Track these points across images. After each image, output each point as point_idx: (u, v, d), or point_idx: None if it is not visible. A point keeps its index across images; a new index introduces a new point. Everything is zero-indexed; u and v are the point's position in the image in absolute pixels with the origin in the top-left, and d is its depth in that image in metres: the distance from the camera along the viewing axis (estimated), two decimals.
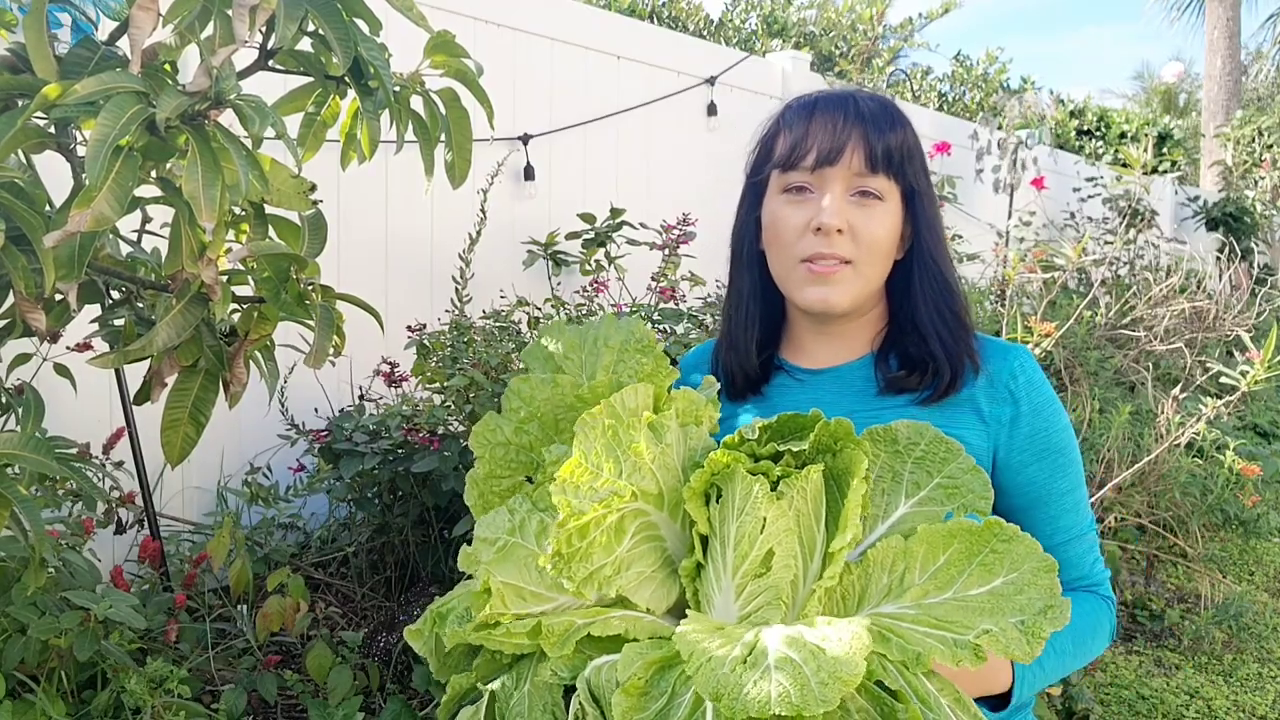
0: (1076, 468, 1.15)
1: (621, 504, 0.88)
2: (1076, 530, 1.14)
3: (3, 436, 1.13)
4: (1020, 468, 1.12)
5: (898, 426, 0.96)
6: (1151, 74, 22.76)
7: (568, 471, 0.86)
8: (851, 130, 1.08)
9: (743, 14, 8.74)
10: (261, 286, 1.26)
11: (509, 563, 0.90)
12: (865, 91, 1.15)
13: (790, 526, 0.87)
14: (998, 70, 9.54)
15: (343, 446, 2.37)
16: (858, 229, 1.09)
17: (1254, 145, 10.03)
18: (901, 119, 1.12)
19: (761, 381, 1.22)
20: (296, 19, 1.05)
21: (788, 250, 1.12)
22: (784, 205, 1.12)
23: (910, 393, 1.14)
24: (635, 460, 0.89)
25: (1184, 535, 3.31)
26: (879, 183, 1.09)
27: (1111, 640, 1.19)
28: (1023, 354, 1.15)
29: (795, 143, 1.11)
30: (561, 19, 3.54)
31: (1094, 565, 1.17)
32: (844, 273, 1.10)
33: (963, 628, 0.81)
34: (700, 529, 0.90)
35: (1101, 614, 1.15)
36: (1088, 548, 1.16)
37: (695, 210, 3.33)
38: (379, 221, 3.03)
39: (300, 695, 2.00)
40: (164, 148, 1.04)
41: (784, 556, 0.86)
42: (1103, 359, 3.99)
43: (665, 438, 0.91)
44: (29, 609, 1.57)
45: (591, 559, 0.88)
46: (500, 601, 0.88)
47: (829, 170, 1.09)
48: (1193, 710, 2.74)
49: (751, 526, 0.86)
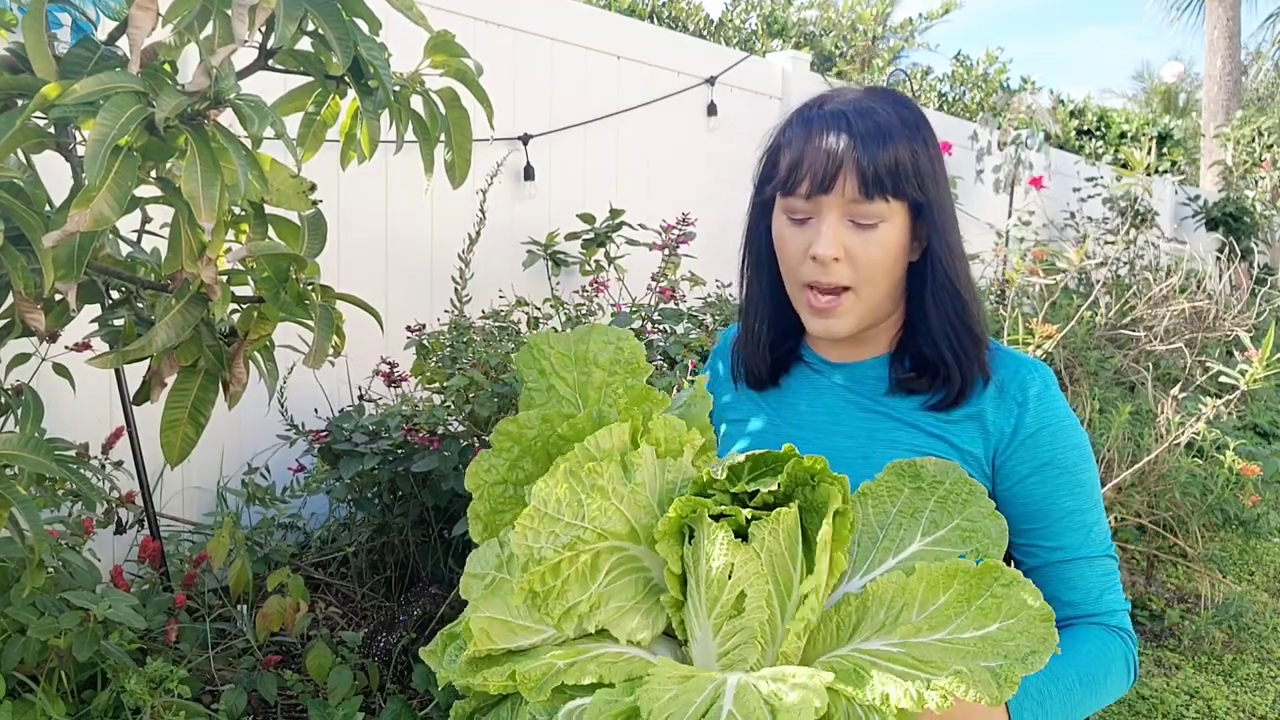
0: (1088, 491, 1.11)
1: (587, 547, 0.90)
2: (1083, 551, 1.10)
3: (2, 437, 1.13)
4: (1019, 479, 1.10)
5: (924, 464, 0.96)
6: (1151, 74, 22.79)
7: (525, 519, 0.88)
8: (845, 155, 1.05)
9: (743, 14, 8.74)
10: (261, 286, 1.26)
11: (497, 597, 0.91)
12: (867, 100, 1.10)
13: (760, 570, 0.87)
14: (998, 70, 9.54)
15: (342, 447, 2.37)
16: (855, 254, 1.08)
17: (1254, 145, 10.03)
18: (899, 132, 1.07)
19: (781, 372, 1.24)
20: (296, 19, 1.05)
21: (792, 273, 1.13)
22: (786, 226, 1.13)
23: (919, 395, 1.14)
24: (601, 503, 0.90)
25: (1184, 535, 3.31)
26: (875, 208, 1.07)
27: (1134, 680, 1.12)
28: (1041, 370, 1.14)
29: (791, 167, 1.09)
30: (561, 19, 3.54)
31: (1105, 594, 1.11)
32: (844, 303, 1.10)
33: (937, 669, 0.80)
34: (673, 568, 0.91)
35: (1114, 650, 1.08)
36: (1098, 573, 1.11)
37: (695, 210, 3.33)
38: (379, 221, 3.03)
39: (300, 695, 2.00)
40: (163, 148, 1.04)
41: (756, 598, 0.87)
42: (1103, 359, 3.99)
43: (636, 475, 0.93)
44: (29, 609, 1.57)
45: (567, 596, 0.90)
46: (486, 639, 0.89)
47: (824, 198, 1.07)
48: (1193, 710, 2.74)
49: (720, 572, 0.87)
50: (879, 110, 1.08)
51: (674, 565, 0.91)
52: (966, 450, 1.11)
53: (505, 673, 0.88)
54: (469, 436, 2.37)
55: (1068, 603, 1.10)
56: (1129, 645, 1.11)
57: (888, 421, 1.14)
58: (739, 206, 1.28)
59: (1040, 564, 1.11)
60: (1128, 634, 1.11)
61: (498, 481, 1.02)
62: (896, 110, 1.10)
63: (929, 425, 1.12)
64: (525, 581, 0.88)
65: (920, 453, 1.10)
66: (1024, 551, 1.12)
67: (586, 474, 0.89)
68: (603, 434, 0.94)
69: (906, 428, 1.13)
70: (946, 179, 1.14)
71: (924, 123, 1.12)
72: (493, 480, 1.02)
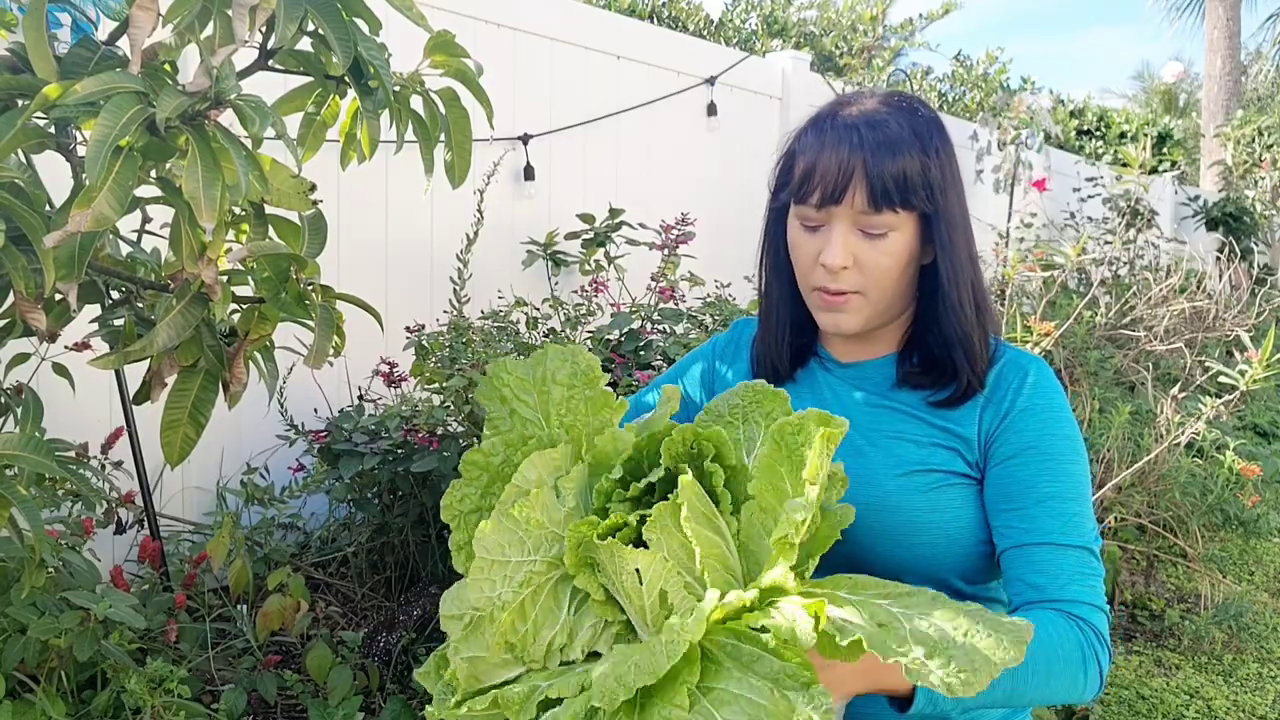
0: (1073, 481, 1.11)
1: (542, 578, 0.92)
2: (1058, 538, 1.08)
3: (2, 437, 1.13)
4: (1002, 460, 1.12)
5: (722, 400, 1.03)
6: (1152, 74, 22.77)
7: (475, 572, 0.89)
8: (854, 167, 1.08)
9: (743, 14, 8.74)
10: (261, 286, 1.26)
11: (477, 636, 0.92)
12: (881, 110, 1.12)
13: (666, 565, 0.88)
14: (998, 70, 9.53)
15: (342, 447, 2.37)
16: (864, 262, 1.11)
17: (1254, 145, 10.04)
18: (909, 144, 1.09)
19: (799, 367, 1.28)
20: (296, 19, 1.05)
21: (804, 277, 1.18)
22: (799, 233, 1.16)
23: (923, 390, 1.17)
24: (538, 533, 0.92)
25: (1184, 535, 3.31)
26: (884, 219, 1.10)
27: (1097, 684, 1.03)
28: (1039, 364, 1.17)
29: (804, 177, 1.12)
30: (561, 19, 3.54)
31: (1074, 582, 1.06)
32: (854, 301, 1.14)
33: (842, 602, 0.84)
34: (597, 596, 0.92)
35: (1068, 637, 1.01)
36: (1070, 562, 1.07)
37: (695, 210, 3.33)
38: (379, 221, 3.03)
39: (300, 695, 2.00)
40: (164, 148, 1.04)
41: (676, 590, 0.88)
42: (1103, 359, 3.99)
43: (567, 501, 0.95)
44: (29, 609, 1.57)
45: (540, 635, 0.92)
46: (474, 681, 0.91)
47: (834, 209, 1.10)
48: (1193, 710, 2.74)
49: (630, 584, 0.89)
50: (891, 122, 1.10)
51: (597, 593, 0.93)
52: (968, 438, 1.14)
53: (489, 699, 0.89)
54: (469, 437, 2.37)
55: (1032, 585, 1.07)
56: (1091, 639, 1.03)
57: (894, 414, 1.18)
58: (739, 206, 1.29)
59: (1011, 545, 1.09)
60: (1094, 631, 1.04)
61: (472, 510, 1.04)
62: (910, 121, 1.12)
63: (933, 417, 1.16)
64: (497, 636, 0.89)
65: (925, 442, 1.15)
66: (1000, 534, 1.11)
67: (517, 510, 0.91)
68: (527, 465, 0.96)
69: (912, 419, 1.17)
70: (961, 186, 1.16)
71: (938, 132, 1.13)
72: (467, 509, 1.04)
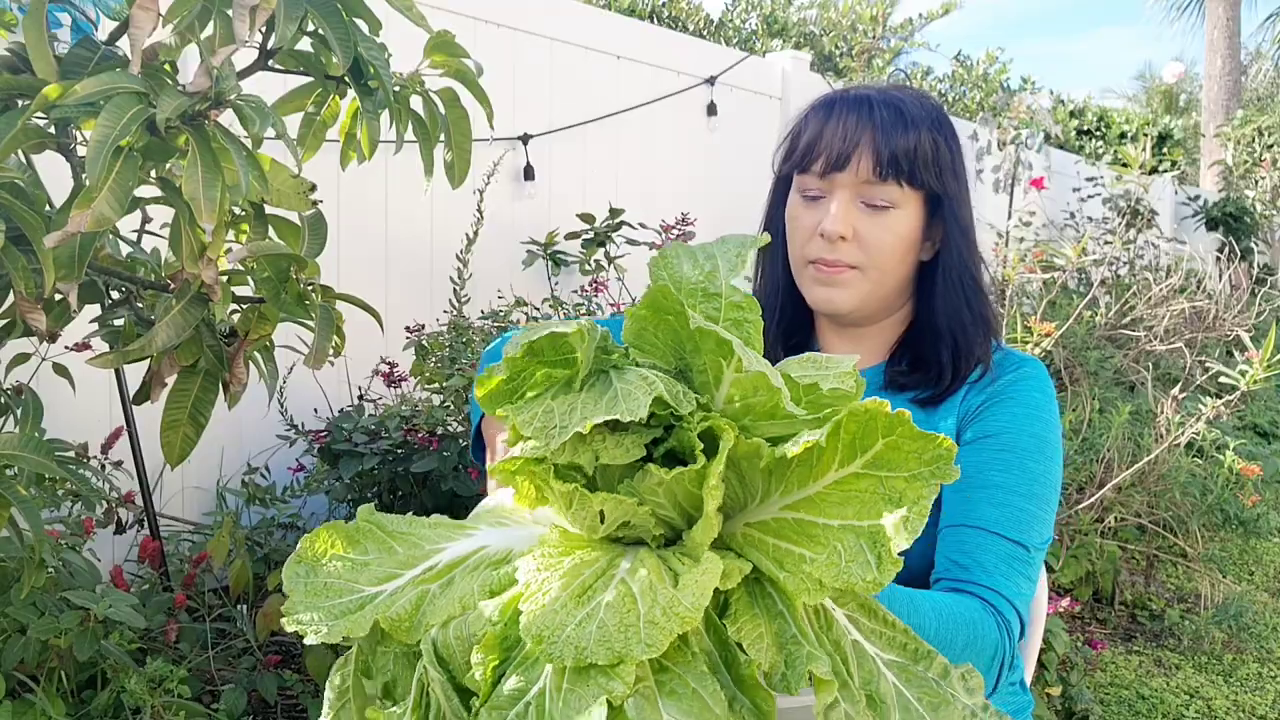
0: (1028, 478, 1.05)
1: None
2: (991, 525, 1.02)
3: (2, 437, 1.13)
4: (964, 445, 1.09)
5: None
6: (1153, 74, 22.78)
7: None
8: (862, 135, 1.07)
9: (743, 14, 8.73)
10: (261, 286, 1.26)
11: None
12: (894, 91, 1.11)
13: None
14: (998, 70, 9.54)
15: (342, 447, 2.37)
16: (864, 235, 1.09)
17: (1254, 145, 10.03)
18: (921, 121, 1.08)
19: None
20: (296, 19, 1.05)
21: (799, 250, 1.14)
22: (799, 205, 1.13)
23: (910, 390, 1.15)
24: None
25: (1184, 535, 3.31)
26: (889, 191, 1.08)
27: (998, 688, 0.98)
28: (1035, 364, 1.15)
29: (809, 145, 1.10)
30: (561, 19, 3.54)
31: (999, 575, 1.00)
32: (849, 276, 1.11)
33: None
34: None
35: (984, 627, 0.94)
36: (1001, 555, 1.01)
37: (695, 210, 3.33)
38: (379, 221, 3.03)
39: (300, 695, 2.00)
40: (164, 148, 1.04)
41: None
42: (1103, 359, 3.99)
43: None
44: (29, 609, 1.57)
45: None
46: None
47: (838, 176, 1.08)
48: (1193, 710, 2.74)
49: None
50: (906, 100, 1.10)
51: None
52: (948, 430, 1.12)
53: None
54: (468, 436, 2.37)
55: (956, 564, 1.01)
56: (1004, 637, 0.96)
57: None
58: (739, 206, 1.28)
59: (947, 524, 1.05)
60: (1008, 629, 0.97)
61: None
62: (922, 103, 1.11)
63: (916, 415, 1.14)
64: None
65: None
66: (945, 514, 1.06)
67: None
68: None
69: None
70: (966, 182, 1.15)
71: (948, 122, 1.13)
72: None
